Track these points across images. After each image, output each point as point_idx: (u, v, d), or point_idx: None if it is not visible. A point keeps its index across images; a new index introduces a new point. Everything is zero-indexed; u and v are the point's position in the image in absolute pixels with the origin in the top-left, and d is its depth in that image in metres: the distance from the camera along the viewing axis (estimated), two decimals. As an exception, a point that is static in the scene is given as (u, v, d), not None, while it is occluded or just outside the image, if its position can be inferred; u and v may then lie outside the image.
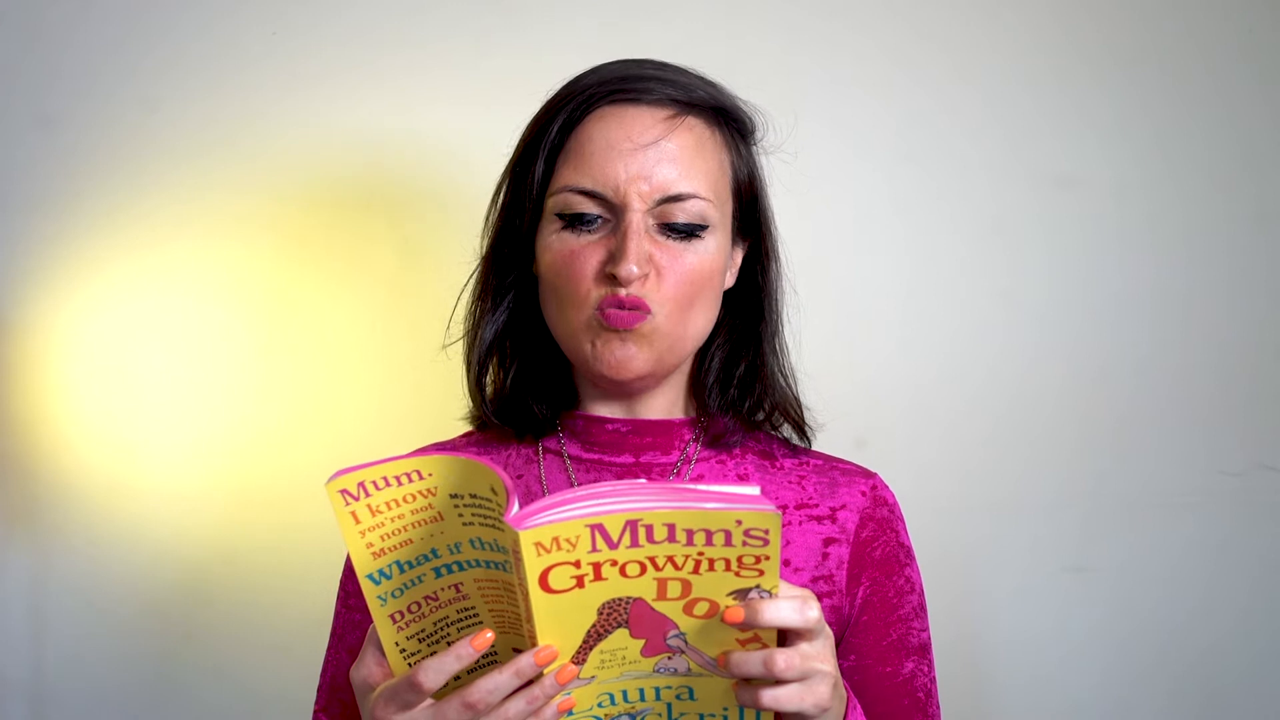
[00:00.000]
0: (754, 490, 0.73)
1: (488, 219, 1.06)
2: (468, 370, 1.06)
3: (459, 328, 1.08)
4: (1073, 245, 1.50)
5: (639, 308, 0.96)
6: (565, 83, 1.03)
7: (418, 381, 1.32)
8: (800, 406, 1.08)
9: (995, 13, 1.51)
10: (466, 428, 1.11)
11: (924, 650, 1.04)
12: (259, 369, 1.53)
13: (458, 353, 1.08)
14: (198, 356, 1.53)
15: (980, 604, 1.49)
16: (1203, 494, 1.48)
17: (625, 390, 1.03)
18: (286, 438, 1.52)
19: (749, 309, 1.07)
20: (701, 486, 0.73)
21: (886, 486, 1.07)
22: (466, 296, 1.07)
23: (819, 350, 1.46)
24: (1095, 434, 1.49)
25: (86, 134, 1.54)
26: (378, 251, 1.53)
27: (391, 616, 0.80)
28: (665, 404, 1.05)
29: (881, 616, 1.02)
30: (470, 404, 1.08)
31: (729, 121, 1.03)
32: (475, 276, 1.07)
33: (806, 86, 1.51)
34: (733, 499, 0.71)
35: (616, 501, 0.71)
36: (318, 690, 1.08)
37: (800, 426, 1.07)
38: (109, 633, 1.53)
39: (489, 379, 1.06)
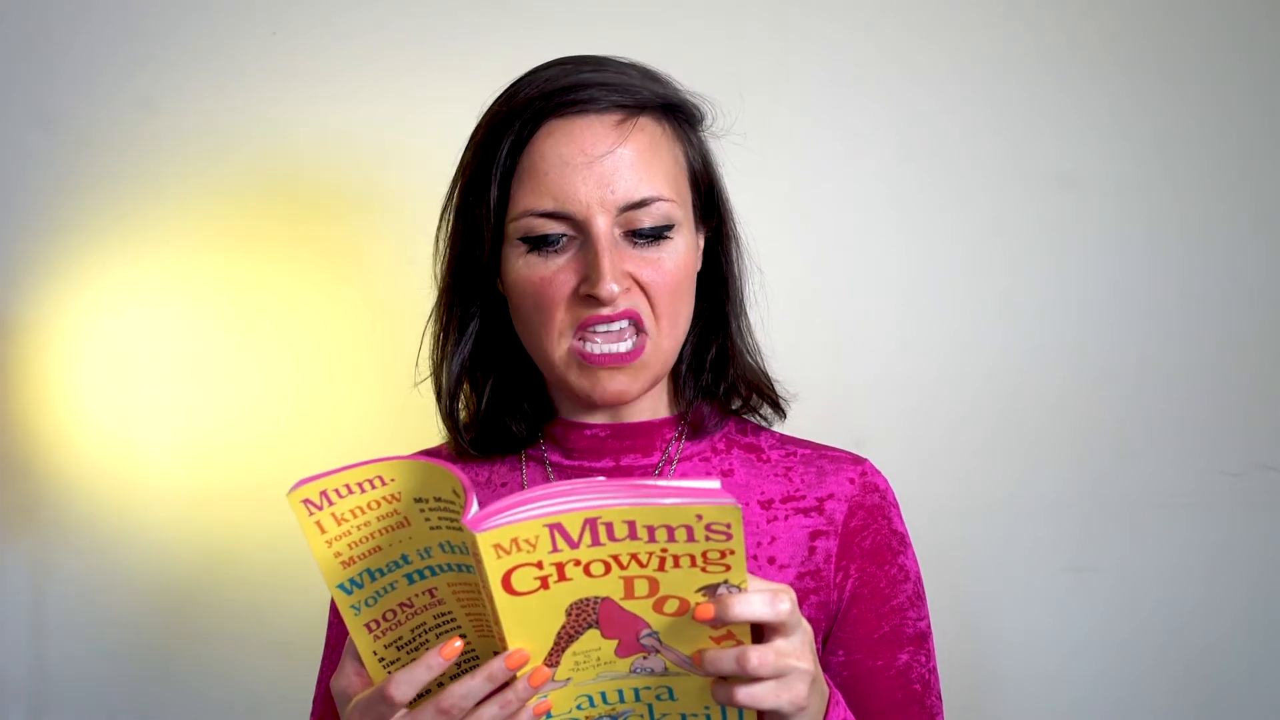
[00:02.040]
0: (714, 484, 0.71)
1: (437, 245, 1.03)
2: (439, 402, 1.04)
3: (427, 364, 1.06)
4: (1072, 245, 1.50)
5: (632, 320, 0.95)
6: (500, 97, 1.00)
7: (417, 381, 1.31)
8: (771, 381, 1.06)
9: (995, 13, 1.51)
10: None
11: (921, 640, 1.02)
12: (259, 369, 1.53)
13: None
14: (198, 356, 1.54)
15: (980, 604, 1.49)
16: (1202, 494, 1.48)
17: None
18: (286, 437, 1.52)
19: (714, 291, 1.05)
20: (661, 482, 0.72)
21: (878, 472, 1.05)
22: (430, 327, 1.05)
23: (820, 349, 1.46)
24: (1095, 434, 1.49)
25: (86, 134, 1.54)
26: (377, 251, 1.53)
27: (367, 626, 0.79)
28: (649, 404, 1.04)
29: (873, 608, 1.00)
30: (446, 436, 1.06)
31: (676, 113, 1.01)
32: (436, 307, 1.04)
33: (806, 86, 1.51)
34: (691, 494, 0.70)
35: (574, 500, 0.70)
36: (313, 701, 1.08)
37: (775, 404, 1.06)
38: (109, 632, 1.53)
39: (461, 405, 1.04)
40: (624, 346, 0.95)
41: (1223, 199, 1.49)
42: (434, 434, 1.14)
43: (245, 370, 1.53)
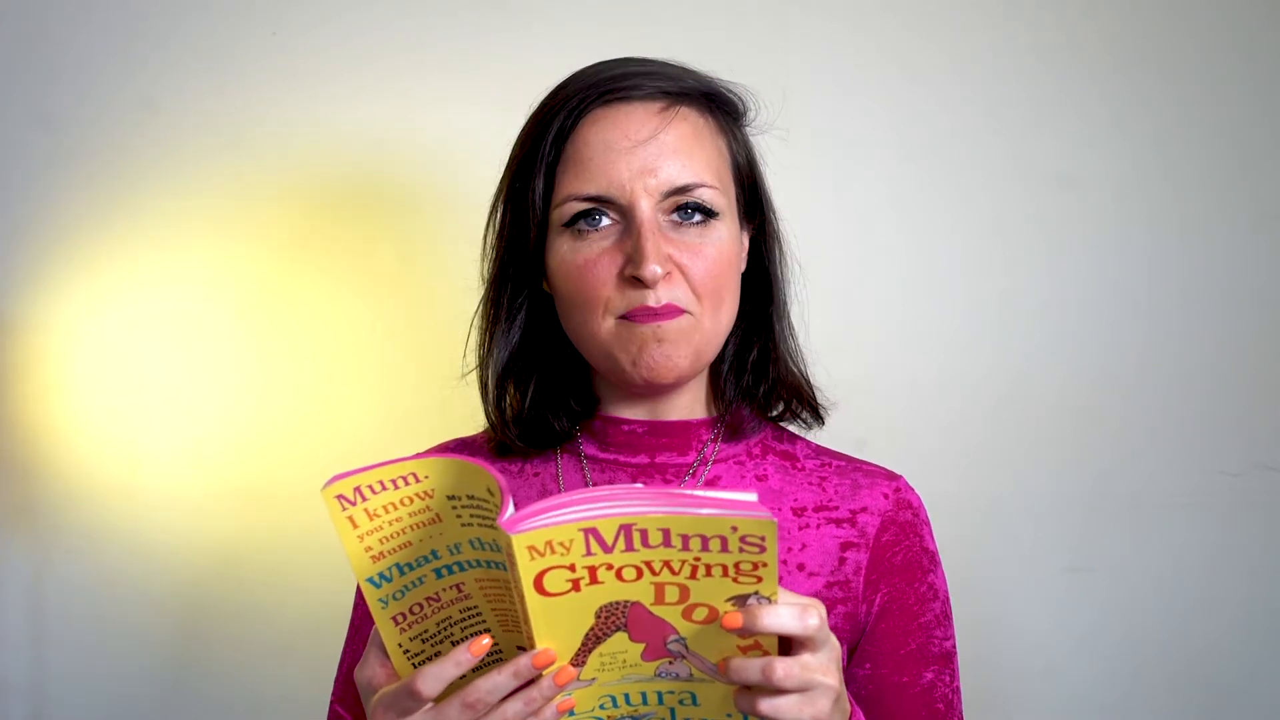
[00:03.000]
0: (751, 496, 0.72)
1: (485, 242, 1.04)
2: (484, 397, 1.04)
3: (474, 356, 1.05)
4: (1072, 245, 1.50)
5: (673, 314, 0.94)
6: (548, 93, 1.00)
7: (418, 381, 1.32)
8: (812, 388, 1.06)
9: (995, 13, 1.51)
10: (475, 427, 1.10)
11: (946, 659, 1.01)
12: (260, 369, 1.53)
13: (457, 352, 1.07)
14: (198, 356, 1.53)
15: (980, 604, 1.49)
16: (1202, 494, 1.49)
17: (658, 391, 1.01)
18: (288, 438, 1.52)
19: (757, 292, 1.05)
20: (698, 492, 0.72)
21: (911, 489, 1.04)
22: (477, 322, 1.05)
23: (819, 349, 1.46)
24: (1095, 434, 1.49)
25: (86, 134, 1.54)
26: (378, 251, 1.53)
27: (394, 619, 0.80)
28: (688, 401, 1.03)
29: (901, 625, 1.00)
30: (490, 429, 1.05)
31: (720, 106, 1.01)
32: (482, 301, 1.04)
33: (807, 86, 1.51)
34: (728, 505, 0.70)
35: (610, 505, 0.70)
36: (334, 681, 1.08)
37: (815, 410, 1.06)
38: (109, 633, 1.53)
39: (507, 402, 1.04)
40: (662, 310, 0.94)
41: (1223, 199, 1.49)
42: (436, 435, 1.14)
43: (246, 371, 1.53)
